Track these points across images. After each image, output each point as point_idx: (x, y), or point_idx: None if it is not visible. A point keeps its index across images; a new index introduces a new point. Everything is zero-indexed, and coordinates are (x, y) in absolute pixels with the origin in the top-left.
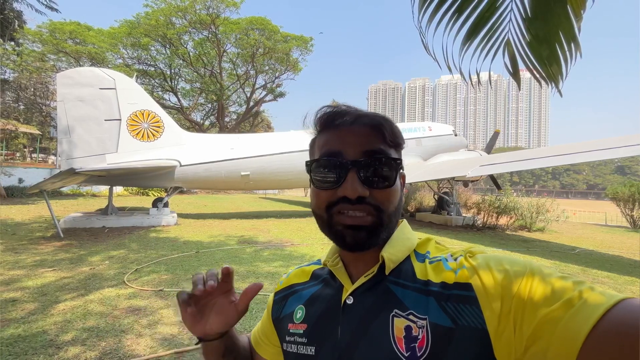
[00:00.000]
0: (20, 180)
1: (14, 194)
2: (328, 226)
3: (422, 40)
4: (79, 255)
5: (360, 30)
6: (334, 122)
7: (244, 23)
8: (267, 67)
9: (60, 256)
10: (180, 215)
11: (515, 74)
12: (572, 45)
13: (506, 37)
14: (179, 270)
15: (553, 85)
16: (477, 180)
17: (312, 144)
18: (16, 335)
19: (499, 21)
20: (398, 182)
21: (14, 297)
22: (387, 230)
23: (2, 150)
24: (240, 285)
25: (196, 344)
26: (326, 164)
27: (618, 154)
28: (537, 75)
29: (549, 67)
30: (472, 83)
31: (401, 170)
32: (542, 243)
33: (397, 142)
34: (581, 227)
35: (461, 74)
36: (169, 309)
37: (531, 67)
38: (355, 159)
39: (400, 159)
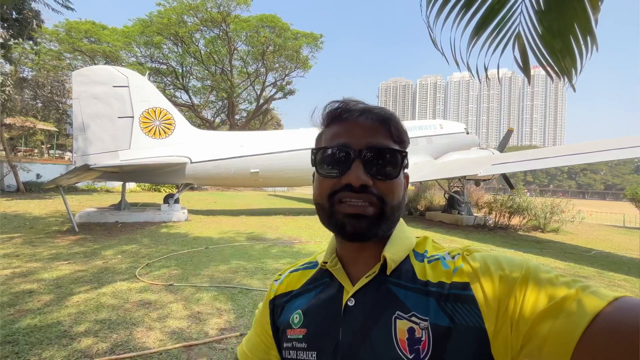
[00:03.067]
0: (38, 176)
1: (32, 189)
2: (329, 215)
3: (430, 35)
4: (92, 249)
5: (371, 27)
6: (341, 116)
7: (255, 21)
8: (277, 65)
9: (75, 250)
10: (190, 212)
11: (525, 68)
12: (588, 38)
13: (517, 30)
14: (188, 265)
15: (566, 79)
16: (489, 180)
17: (319, 137)
18: (32, 325)
19: (510, 13)
20: (402, 176)
21: (30, 289)
22: (388, 222)
23: (21, 146)
24: (248, 282)
25: None
26: (332, 153)
27: (637, 153)
28: (549, 69)
29: (562, 61)
30: (479, 78)
31: (405, 170)
32: (556, 244)
33: (401, 138)
34: (598, 229)
35: (469, 69)
36: (178, 303)
37: (543, 61)
38: (361, 149)
39: (405, 152)
